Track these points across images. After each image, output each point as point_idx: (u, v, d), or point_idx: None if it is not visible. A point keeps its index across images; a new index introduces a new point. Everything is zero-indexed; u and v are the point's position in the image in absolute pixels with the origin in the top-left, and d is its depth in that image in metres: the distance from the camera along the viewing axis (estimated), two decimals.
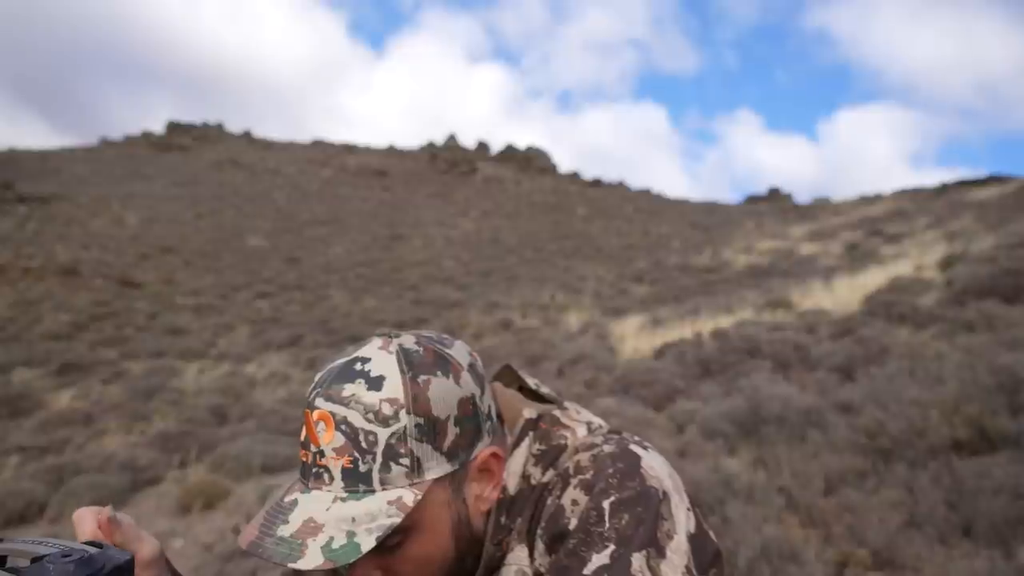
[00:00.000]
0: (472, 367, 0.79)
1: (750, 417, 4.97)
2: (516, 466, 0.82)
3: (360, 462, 0.71)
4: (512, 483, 0.82)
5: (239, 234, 30.88)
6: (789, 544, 3.09)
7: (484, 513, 0.80)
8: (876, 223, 26.12)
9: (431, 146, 65.42)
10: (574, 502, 0.76)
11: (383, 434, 0.71)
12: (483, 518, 0.81)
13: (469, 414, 0.76)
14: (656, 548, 0.71)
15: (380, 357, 0.74)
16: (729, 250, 25.92)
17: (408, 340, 0.77)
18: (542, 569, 0.77)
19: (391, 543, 0.73)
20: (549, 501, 0.79)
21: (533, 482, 0.82)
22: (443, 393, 0.74)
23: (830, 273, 13.80)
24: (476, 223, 39.23)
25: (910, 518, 3.29)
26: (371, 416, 0.71)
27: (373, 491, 0.71)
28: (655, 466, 0.79)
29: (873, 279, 10.93)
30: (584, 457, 0.80)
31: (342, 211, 39.97)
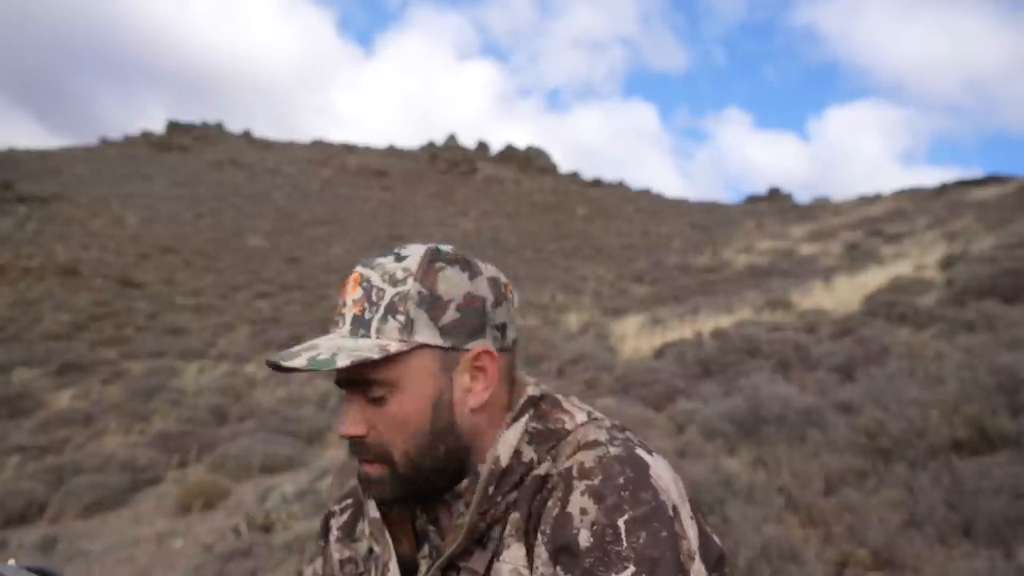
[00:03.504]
0: (495, 281, 0.87)
1: (750, 417, 4.97)
2: (512, 439, 0.83)
3: (367, 312, 0.82)
4: (504, 456, 0.82)
5: (239, 234, 30.89)
6: (789, 544, 3.09)
7: (471, 411, 0.84)
8: (876, 223, 26.14)
9: (431, 146, 65.43)
10: (583, 511, 0.74)
11: (390, 292, 0.81)
12: (470, 418, 0.84)
13: (473, 309, 0.83)
14: (683, 574, 0.72)
15: (415, 247, 0.86)
16: (729, 250, 25.93)
17: (446, 247, 0.87)
18: None
19: (375, 395, 0.82)
20: (550, 503, 0.77)
21: (524, 459, 0.83)
22: (453, 280, 0.83)
23: (830, 273, 13.80)
24: (476, 223, 39.25)
25: (910, 518, 3.29)
26: (386, 277, 0.82)
27: (368, 336, 0.81)
28: (663, 475, 0.78)
29: (873, 279, 10.93)
30: (588, 458, 0.78)
31: (342, 211, 39.98)
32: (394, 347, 0.79)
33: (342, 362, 0.77)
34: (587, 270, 24.50)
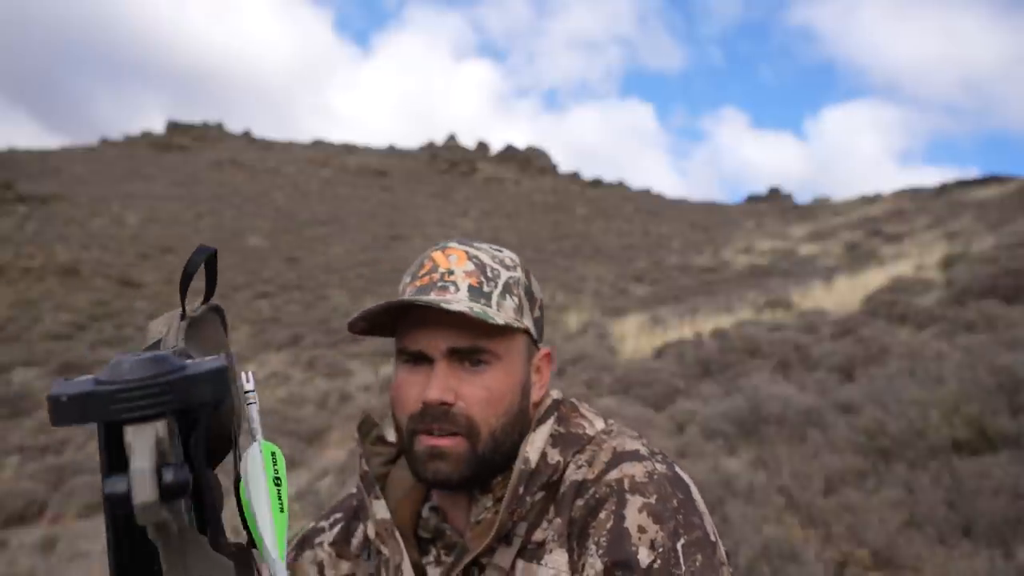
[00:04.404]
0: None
1: (750, 417, 4.97)
2: (539, 441, 0.85)
3: (485, 284, 0.84)
4: (533, 457, 0.84)
5: (239, 234, 30.88)
6: (789, 544, 3.09)
7: (532, 404, 0.89)
8: (876, 223, 26.13)
9: (431, 146, 65.41)
10: (641, 529, 0.76)
11: (504, 274, 0.86)
12: (530, 410, 0.89)
13: (543, 314, 0.92)
14: None
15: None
16: (729, 250, 25.95)
17: None
18: None
19: (478, 358, 0.83)
20: (602, 515, 0.78)
21: (550, 461, 0.85)
22: (536, 284, 0.91)
23: (830, 273, 13.80)
24: (476, 223, 39.24)
25: (910, 518, 3.29)
26: (497, 260, 0.87)
27: (490, 307, 0.83)
28: (699, 497, 0.84)
29: (873, 279, 10.93)
30: (638, 472, 0.81)
31: (342, 211, 39.97)
32: (517, 323, 0.84)
33: (499, 319, 0.80)
34: (587, 270, 24.51)
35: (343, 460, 6.35)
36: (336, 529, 0.98)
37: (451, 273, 0.84)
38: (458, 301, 0.81)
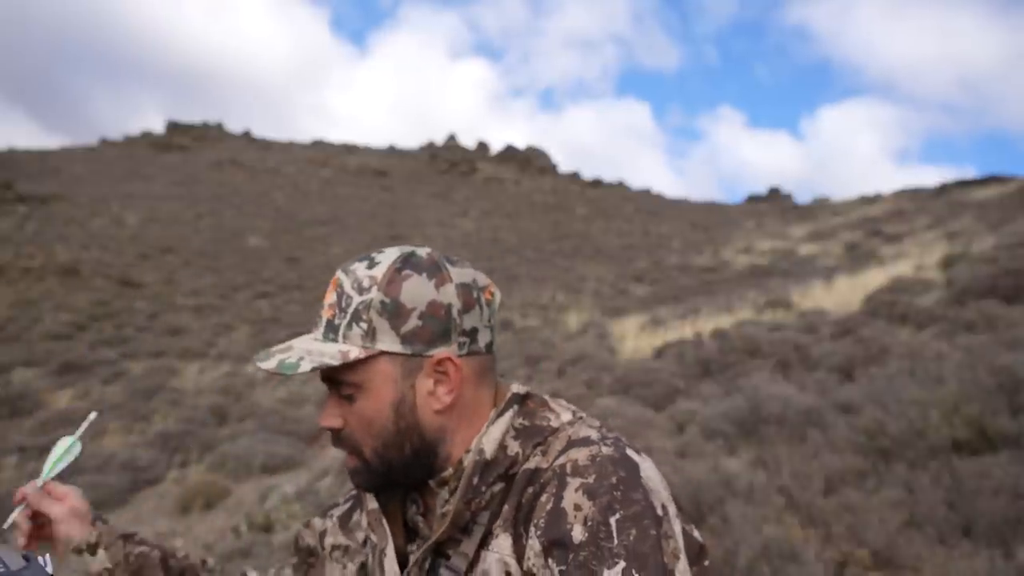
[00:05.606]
0: (465, 286, 0.87)
1: (750, 417, 4.97)
2: (497, 432, 0.87)
3: (336, 317, 0.87)
4: (490, 448, 0.86)
5: (239, 234, 30.88)
6: (789, 544, 3.08)
7: (436, 413, 0.87)
8: (876, 223, 26.14)
9: (431, 146, 65.40)
10: (576, 507, 0.77)
11: (356, 300, 0.85)
12: (436, 419, 0.87)
13: (437, 316, 0.85)
14: (666, 573, 0.75)
15: (391, 252, 0.89)
16: (729, 250, 25.96)
17: (424, 250, 0.90)
18: (534, 569, 0.78)
19: (346, 393, 0.87)
20: (543, 498, 0.80)
21: (509, 453, 0.86)
22: (417, 288, 0.85)
23: (830, 273, 13.80)
24: (476, 223, 39.25)
25: (910, 518, 3.28)
26: (355, 285, 0.86)
27: (335, 340, 0.86)
28: (652, 476, 0.82)
29: (873, 279, 10.93)
30: (582, 456, 0.81)
31: (342, 211, 39.97)
32: (354, 353, 0.84)
33: (305, 367, 0.84)
34: (587, 270, 24.51)
35: (343, 460, 6.36)
36: (346, 506, 1.06)
37: (323, 307, 0.89)
38: (298, 346, 0.88)
